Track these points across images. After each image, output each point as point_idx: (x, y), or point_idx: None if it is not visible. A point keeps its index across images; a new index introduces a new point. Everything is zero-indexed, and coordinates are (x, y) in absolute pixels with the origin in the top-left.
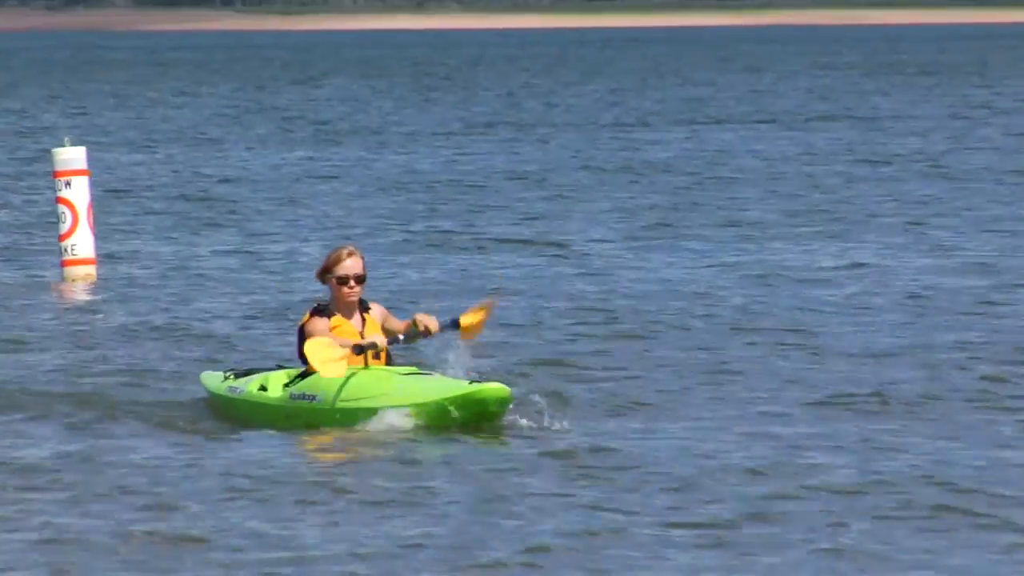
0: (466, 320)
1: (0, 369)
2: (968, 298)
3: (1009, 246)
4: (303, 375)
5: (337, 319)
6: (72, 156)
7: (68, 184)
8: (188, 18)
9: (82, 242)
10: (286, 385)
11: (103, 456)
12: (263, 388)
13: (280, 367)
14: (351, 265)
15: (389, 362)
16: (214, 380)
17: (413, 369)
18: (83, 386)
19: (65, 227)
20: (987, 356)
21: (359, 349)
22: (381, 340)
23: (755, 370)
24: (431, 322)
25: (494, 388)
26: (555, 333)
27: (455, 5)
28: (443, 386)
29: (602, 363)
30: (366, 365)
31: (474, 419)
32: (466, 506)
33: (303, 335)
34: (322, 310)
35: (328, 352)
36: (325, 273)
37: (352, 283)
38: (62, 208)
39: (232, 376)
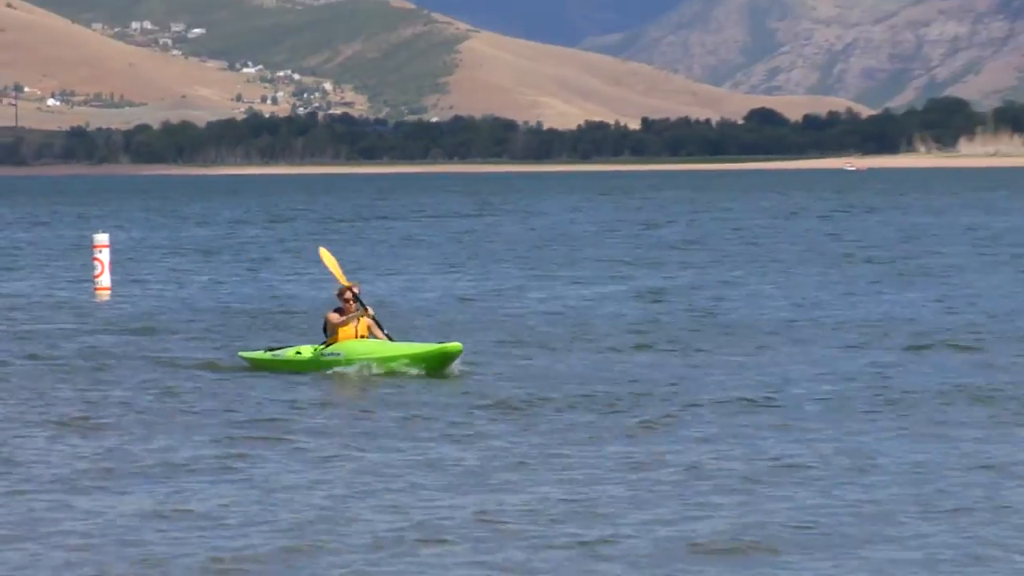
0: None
1: (68, 333)
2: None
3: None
4: (326, 344)
5: (346, 320)
6: (101, 238)
7: (100, 251)
8: (157, 168)
9: (105, 279)
10: (317, 349)
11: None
12: (299, 353)
13: (297, 346)
14: (353, 297)
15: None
16: (255, 353)
17: (388, 339)
18: (114, 340)
19: (96, 271)
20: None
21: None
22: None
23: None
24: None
25: (454, 345)
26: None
27: (284, 162)
28: (419, 346)
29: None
30: (358, 337)
31: (437, 367)
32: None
33: (327, 322)
34: (338, 311)
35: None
36: (340, 294)
37: (351, 298)
38: (96, 263)
39: (269, 350)
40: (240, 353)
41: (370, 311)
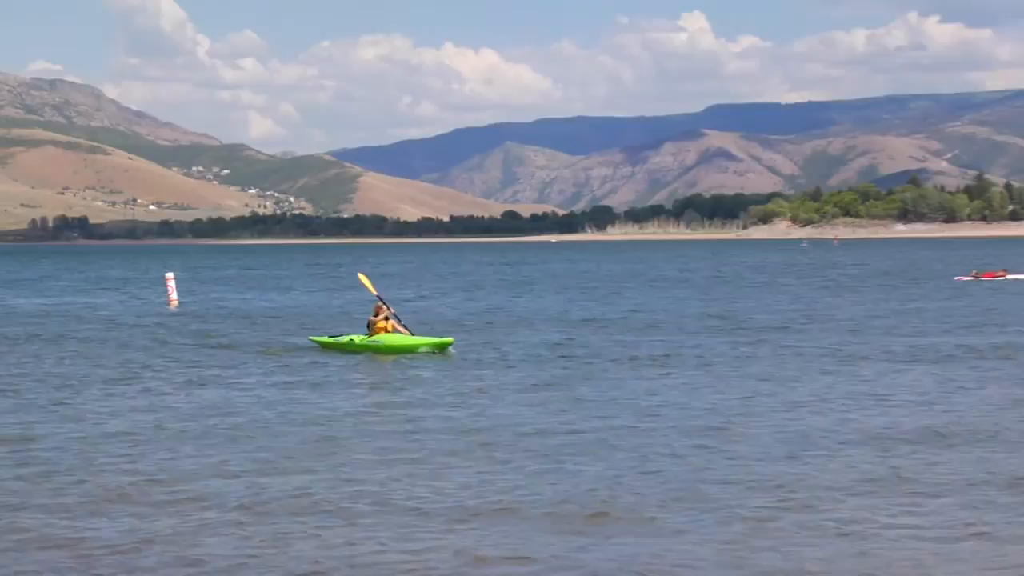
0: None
1: (150, 323)
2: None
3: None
4: (370, 336)
5: (380, 322)
6: (170, 275)
7: (169, 280)
8: (206, 240)
9: (174, 295)
10: (366, 339)
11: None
12: (352, 340)
13: (349, 333)
14: (384, 308)
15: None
16: (322, 337)
17: (407, 333)
18: (178, 328)
19: (169, 289)
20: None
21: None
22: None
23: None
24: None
25: (449, 339)
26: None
27: (270, 237)
28: (430, 339)
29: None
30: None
31: (441, 350)
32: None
33: (369, 323)
34: (375, 315)
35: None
36: (377, 311)
37: (386, 312)
38: (167, 287)
39: (331, 336)
40: (311, 337)
41: (392, 321)
